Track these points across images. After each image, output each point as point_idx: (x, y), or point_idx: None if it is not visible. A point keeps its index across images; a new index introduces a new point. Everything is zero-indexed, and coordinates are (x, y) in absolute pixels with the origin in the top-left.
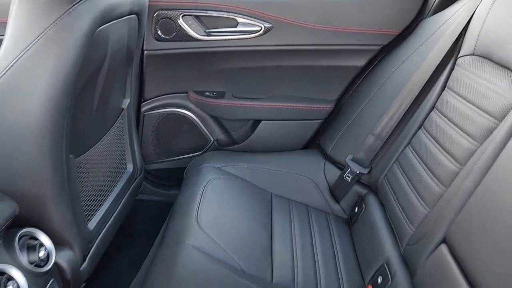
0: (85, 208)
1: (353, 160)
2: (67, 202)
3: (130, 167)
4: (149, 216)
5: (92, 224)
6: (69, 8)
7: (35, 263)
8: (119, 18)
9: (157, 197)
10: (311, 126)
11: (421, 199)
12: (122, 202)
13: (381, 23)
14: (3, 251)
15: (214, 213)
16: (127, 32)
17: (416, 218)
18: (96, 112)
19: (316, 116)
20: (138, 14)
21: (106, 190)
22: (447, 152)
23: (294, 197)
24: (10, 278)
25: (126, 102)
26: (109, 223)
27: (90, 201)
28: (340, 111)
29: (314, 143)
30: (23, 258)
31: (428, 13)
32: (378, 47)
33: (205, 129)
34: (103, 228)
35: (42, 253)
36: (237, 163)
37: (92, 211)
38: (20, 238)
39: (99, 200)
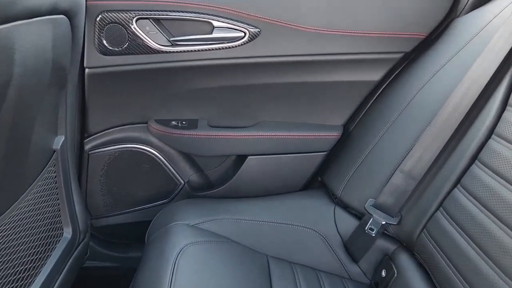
0: None
1: (375, 206)
2: None
3: (68, 232)
4: None
5: None
6: None
7: None
8: (31, 18)
9: (111, 263)
10: (313, 160)
11: (502, 271)
12: (58, 281)
13: (402, 25)
14: None
15: None
16: (51, 41)
17: None
18: (2, 163)
19: (319, 147)
20: (69, 14)
21: (28, 276)
22: None
23: (298, 259)
24: None
25: (59, 141)
26: None
27: None
28: (350, 140)
29: (316, 181)
30: None
31: (463, 10)
32: (399, 56)
33: (172, 169)
34: None
35: None
36: (217, 215)
37: None
38: None
39: None
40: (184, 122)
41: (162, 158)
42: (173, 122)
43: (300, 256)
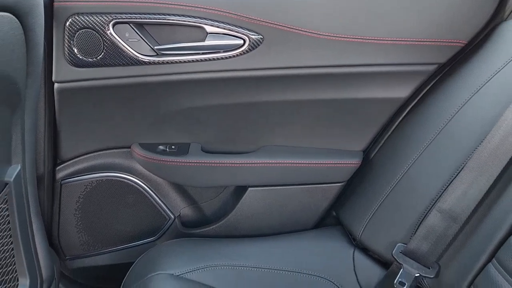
0: None
1: (406, 252)
2: None
3: (25, 282)
4: None
5: None
6: None
7: None
8: None
9: None
10: (326, 193)
11: None
12: None
13: (436, 31)
14: None
15: None
16: None
17: None
18: None
19: (334, 177)
20: (16, 12)
21: None
22: None
23: None
24: None
25: (13, 171)
26: None
27: None
28: (371, 169)
29: (330, 216)
30: None
31: (511, 13)
32: (432, 68)
33: (160, 202)
34: None
35: None
36: (211, 261)
37: None
38: None
39: None
40: (173, 147)
41: (148, 189)
42: (160, 147)
43: None
